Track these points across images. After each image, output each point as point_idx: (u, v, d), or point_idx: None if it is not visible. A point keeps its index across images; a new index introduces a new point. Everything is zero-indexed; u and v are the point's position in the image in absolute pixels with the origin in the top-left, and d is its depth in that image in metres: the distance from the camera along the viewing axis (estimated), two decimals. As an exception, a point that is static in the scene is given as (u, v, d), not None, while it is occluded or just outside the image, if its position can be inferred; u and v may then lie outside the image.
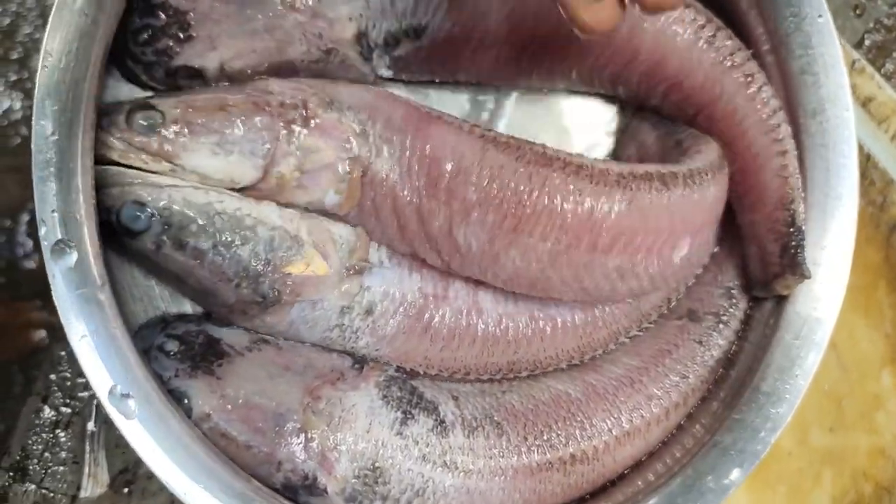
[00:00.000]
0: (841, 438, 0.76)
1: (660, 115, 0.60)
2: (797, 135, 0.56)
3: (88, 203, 0.42)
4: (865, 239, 0.78)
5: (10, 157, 0.65)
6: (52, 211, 0.40)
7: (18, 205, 0.64)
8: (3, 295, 0.64)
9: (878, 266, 0.78)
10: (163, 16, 0.50)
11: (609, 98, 0.62)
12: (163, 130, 0.48)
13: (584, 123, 0.62)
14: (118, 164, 0.48)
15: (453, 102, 0.60)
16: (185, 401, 0.49)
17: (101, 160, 0.47)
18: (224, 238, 0.48)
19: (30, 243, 0.64)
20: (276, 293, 0.49)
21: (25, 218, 0.64)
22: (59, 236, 0.40)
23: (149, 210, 0.47)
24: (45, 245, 0.40)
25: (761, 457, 0.54)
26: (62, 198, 0.40)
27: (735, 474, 0.53)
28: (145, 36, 0.50)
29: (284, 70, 0.53)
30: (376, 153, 0.51)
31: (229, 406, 0.49)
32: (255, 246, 0.49)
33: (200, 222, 0.48)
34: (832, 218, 0.56)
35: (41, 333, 0.63)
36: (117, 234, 0.47)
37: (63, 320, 0.40)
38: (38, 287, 0.63)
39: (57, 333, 0.62)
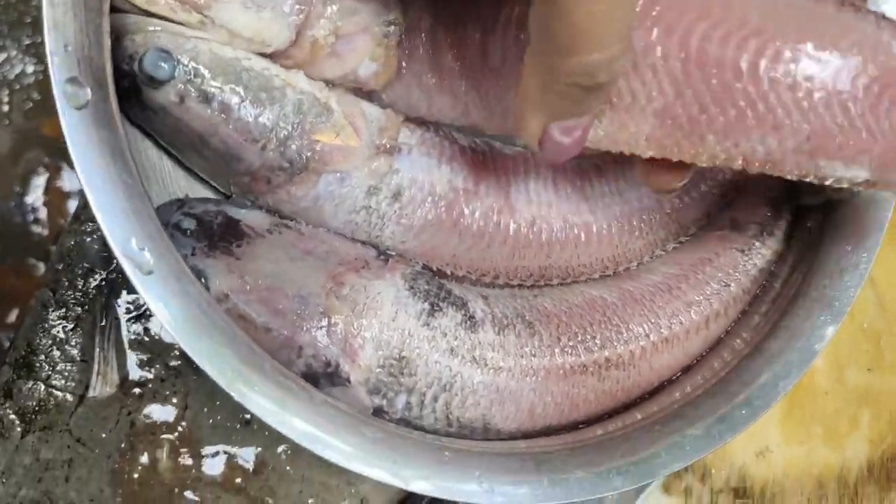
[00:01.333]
0: (879, 379, 0.73)
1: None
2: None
3: (105, 44, 0.39)
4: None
5: (24, 119, 0.64)
6: (66, 46, 0.37)
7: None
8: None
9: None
10: None
11: None
12: None
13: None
14: (140, 12, 0.45)
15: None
16: (203, 280, 0.46)
17: (121, 7, 0.44)
18: (252, 95, 0.45)
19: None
20: (304, 159, 0.47)
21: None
22: (72, 74, 0.37)
23: (174, 58, 0.44)
24: (57, 81, 0.37)
25: (809, 365, 0.51)
26: (77, 30, 0.38)
27: (782, 385, 0.50)
28: None
29: None
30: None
31: (248, 287, 0.46)
32: (284, 107, 0.46)
33: (228, 75, 0.45)
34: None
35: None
36: (133, 92, 0.44)
37: (77, 167, 0.37)
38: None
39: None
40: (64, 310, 0.56)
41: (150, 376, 0.56)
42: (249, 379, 0.40)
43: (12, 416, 0.54)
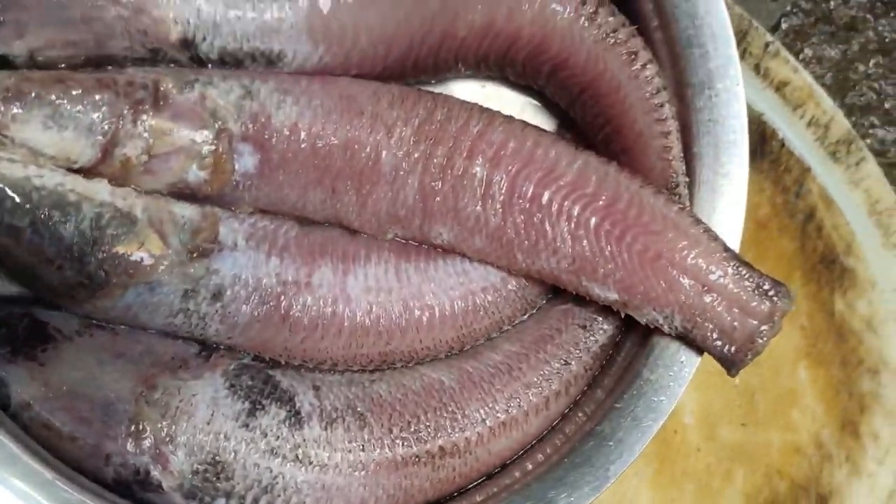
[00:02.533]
0: (752, 434, 0.73)
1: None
2: (686, 113, 0.54)
3: None
4: (779, 228, 0.76)
5: None
6: None
7: None
8: None
9: (793, 256, 0.75)
10: None
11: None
12: None
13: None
14: None
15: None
16: (3, 388, 0.44)
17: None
18: (43, 215, 0.44)
19: None
20: (105, 274, 0.46)
21: None
22: None
23: None
24: None
25: (642, 447, 0.51)
26: None
27: (614, 467, 0.50)
28: None
29: (106, 64, 0.49)
30: (277, 106, 0.49)
31: (52, 394, 0.45)
32: (80, 224, 0.45)
33: (16, 198, 0.44)
34: (721, 196, 0.54)
35: None
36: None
37: None
38: None
39: None
40: None
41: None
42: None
43: None
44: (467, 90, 0.60)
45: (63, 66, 0.49)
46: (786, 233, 0.75)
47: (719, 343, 0.50)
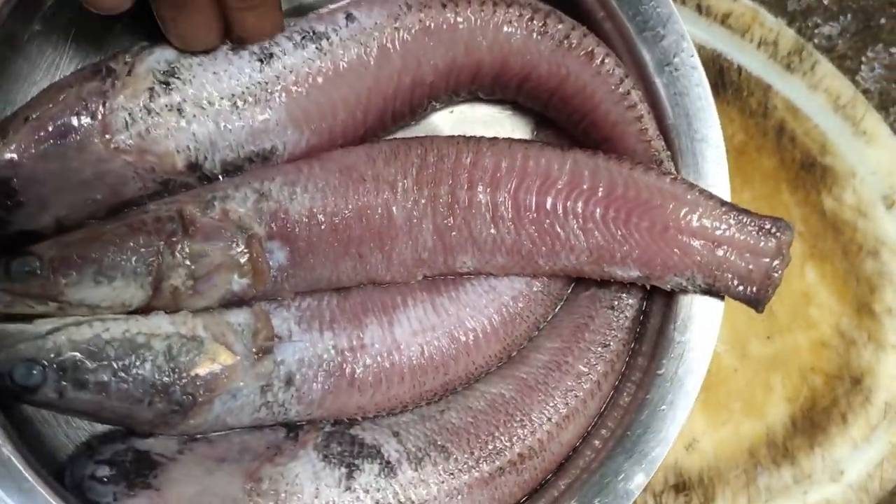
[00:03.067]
0: (780, 343, 0.79)
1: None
2: (653, 91, 0.58)
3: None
4: (756, 150, 0.80)
5: None
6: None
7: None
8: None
9: (775, 171, 0.80)
10: None
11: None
12: (42, 272, 0.48)
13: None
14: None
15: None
16: (131, 521, 0.49)
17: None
18: (122, 364, 0.49)
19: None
20: (191, 397, 0.50)
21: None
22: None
23: (40, 364, 0.47)
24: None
25: (692, 403, 0.56)
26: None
27: (672, 427, 0.55)
28: None
29: (125, 207, 0.53)
30: (289, 199, 0.53)
31: (176, 514, 0.50)
32: (156, 360, 0.49)
33: (93, 357, 0.48)
34: (704, 160, 0.58)
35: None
36: (14, 397, 0.48)
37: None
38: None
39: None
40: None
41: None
42: None
43: None
44: (442, 118, 0.64)
45: (90, 220, 0.53)
46: (763, 152, 0.80)
47: (741, 288, 0.55)
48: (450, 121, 0.64)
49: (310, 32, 0.53)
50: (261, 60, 0.52)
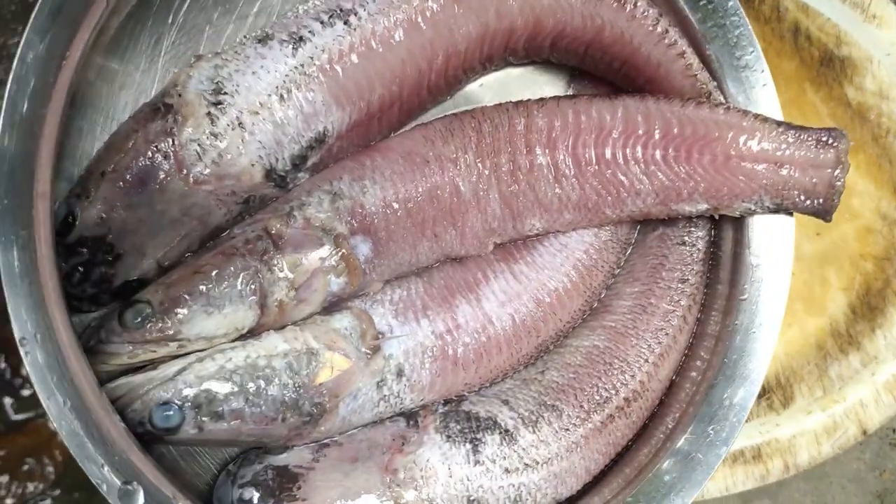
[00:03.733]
0: (828, 237, 0.81)
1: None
2: (690, 27, 0.59)
3: (127, 438, 0.44)
4: (776, 54, 0.81)
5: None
6: (102, 465, 0.42)
7: None
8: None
9: (797, 72, 0.81)
10: (84, 250, 0.51)
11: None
12: (155, 316, 0.50)
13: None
14: (124, 367, 0.50)
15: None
16: (287, 534, 0.52)
17: (107, 376, 0.49)
18: (251, 388, 0.50)
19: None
20: (319, 406, 0.52)
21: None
22: (120, 482, 0.43)
23: (175, 403, 0.49)
24: (112, 497, 0.42)
25: (779, 323, 0.58)
26: (105, 451, 0.42)
27: (766, 349, 0.58)
28: (77, 276, 0.51)
29: (214, 235, 0.55)
30: (362, 193, 0.55)
31: (325, 518, 0.52)
32: (280, 378, 0.51)
33: (223, 387, 0.50)
34: (749, 85, 0.59)
35: None
36: (157, 440, 0.49)
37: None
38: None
39: None
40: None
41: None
42: None
43: None
44: (477, 90, 0.64)
45: (187, 255, 0.54)
46: (783, 55, 0.81)
47: (808, 202, 0.57)
48: (485, 91, 0.64)
49: (337, 10, 0.54)
50: (292, 45, 0.53)
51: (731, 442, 0.57)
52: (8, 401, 0.74)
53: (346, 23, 0.54)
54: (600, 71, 0.62)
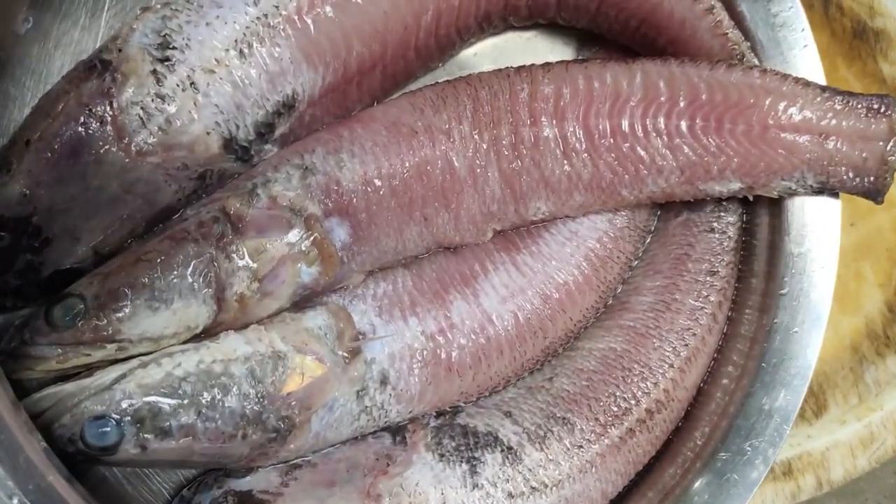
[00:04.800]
0: (863, 228, 0.74)
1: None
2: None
3: (48, 461, 0.36)
4: (805, 26, 0.74)
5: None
6: (11, 497, 0.34)
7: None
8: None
9: (828, 46, 0.74)
10: (4, 234, 0.44)
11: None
12: (89, 312, 0.43)
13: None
14: (55, 375, 0.42)
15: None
16: (250, 571, 0.44)
17: (33, 384, 0.41)
18: (204, 400, 0.43)
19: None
20: (287, 420, 0.44)
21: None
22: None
23: (112, 417, 0.41)
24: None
25: (825, 321, 0.51)
26: (16, 478, 0.34)
27: (811, 350, 0.50)
28: None
29: (165, 217, 0.47)
30: (338, 168, 0.47)
31: (295, 552, 0.44)
32: (240, 387, 0.44)
33: (171, 400, 0.42)
34: (787, 46, 0.52)
35: None
36: (93, 460, 0.41)
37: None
38: None
39: None
40: None
41: None
42: None
43: None
44: (474, 57, 0.56)
45: (130, 241, 0.46)
46: (813, 27, 0.72)
47: (857, 179, 0.49)
48: (480, 60, 0.56)
49: None
50: None
51: (771, 460, 0.49)
52: None
53: None
54: (614, 33, 0.54)
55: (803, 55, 0.52)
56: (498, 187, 0.49)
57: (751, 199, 0.52)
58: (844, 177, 0.49)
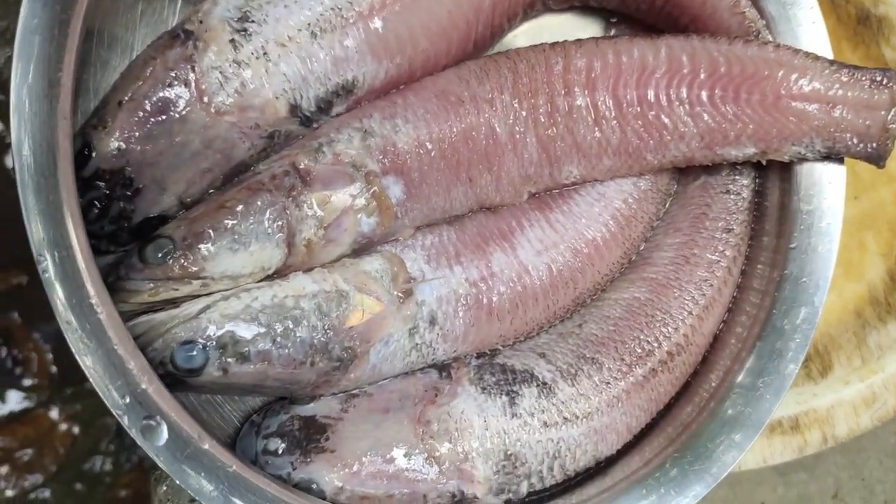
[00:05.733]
0: (867, 201, 0.78)
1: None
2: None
3: (150, 371, 0.41)
4: (812, 11, 0.78)
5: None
6: (125, 396, 0.39)
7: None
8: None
9: (833, 30, 0.78)
10: (101, 184, 0.48)
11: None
12: (177, 252, 0.47)
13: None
14: (146, 307, 0.47)
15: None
16: (314, 486, 0.49)
17: (126, 315, 0.46)
18: (278, 329, 0.47)
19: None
20: (350, 350, 0.49)
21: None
22: (144, 414, 0.40)
23: (199, 342, 0.46)
24: (134, 431, 0.39)
25: (831, 271, 0.55)
26: (127, 380, 0.39)
27: (818, 297, 0.55)
28: (95, 211, 0.48)
29: (238, 171, 0.52)
30: (394, 132, 0.52)
31: (354, 469, 0.49)
32: (309, 320, 0.48)
33: (250, 328, 0.47)
34: (797, 23, 0.56)
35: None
36: (179, 383, 0.46)
37: (188, 488, 0.40)
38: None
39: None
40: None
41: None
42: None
43: None
44: (512, 41, 0.61)
45: (206, 194, 0.51)
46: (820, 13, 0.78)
47: (861, 145, 0.54)
48: (520, 38, 0.61)
49: None
50: None
51: (781, 396, 0.54)
52: (9, 391, 0.73)
53: None
54: (641, 12, 0.59)
55: (812, 31, 0.56)
56: (535, 152, 0.54)
57: (763, 163, 0.57)
58: (849, 143, 0.54)
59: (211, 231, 0.47)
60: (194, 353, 0.46)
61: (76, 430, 0.73)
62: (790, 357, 0.54)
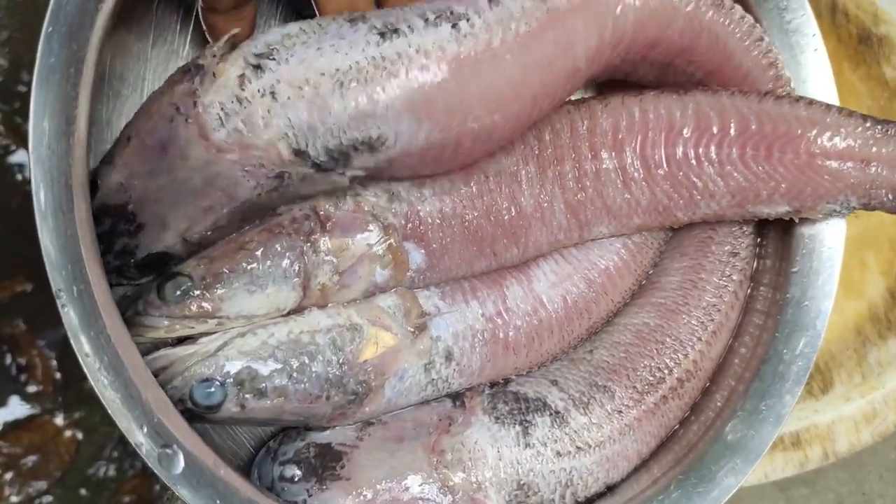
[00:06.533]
0: (866, 220, 0.79)
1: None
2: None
3: (166, 402, 0.42)
4: (813, 31, 0.79)
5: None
6: (142, 426, 0.40)
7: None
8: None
9: (835, 51, 0.79)
10: (106, 219, 0.48)
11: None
12: (195, 291, 0.47)
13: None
14: (159, 342, 0.47)
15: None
16: (332, 515, 0.49)
17: (142, 349, 0.46)
18: (294, 365, 0.48)
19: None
20: (365, 384, 0.50)
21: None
22: (160, 444, 0.40)
23: (217, 380, 0.46)
24: (152, 460, 0.40)
25: (833, 291, 0.56)
26: (145, 412, 0.40)
27: (820, 321, 0.56)
28: (101, 246, 0.48)
29: (248, 210, 0.49)
30: (420, 201, 0.51)
31: (369, 498, 0.50)
32: (324, 355, 0.49)
33: (266, 363, 0.47)
34: (802, 52, 0.57)
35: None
36: (198, 418, 0.47)
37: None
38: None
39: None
40: None
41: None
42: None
43: None
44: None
45: (210, 232, 0.50)
46: (822, 34, 0.79)
47: None
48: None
49: (447, 12, 0.46)
50: (381, 35, 0.45)
51: (783, 418, 0.54)
52: (13, 398, 0.73)
53: (454, 27, 0.45)
54: (667, 81, 0.56)
55: (814, 58, 0.57)
56: (564, 218, 0.54)
57: (796, 221, 0.56)
58: (885, 198, 0.53)
59: (229, 272, 0.48)
60: (213, 389, 0.46)
61: (80, 436, 0.74)
62: (793, 382, 0.55)
